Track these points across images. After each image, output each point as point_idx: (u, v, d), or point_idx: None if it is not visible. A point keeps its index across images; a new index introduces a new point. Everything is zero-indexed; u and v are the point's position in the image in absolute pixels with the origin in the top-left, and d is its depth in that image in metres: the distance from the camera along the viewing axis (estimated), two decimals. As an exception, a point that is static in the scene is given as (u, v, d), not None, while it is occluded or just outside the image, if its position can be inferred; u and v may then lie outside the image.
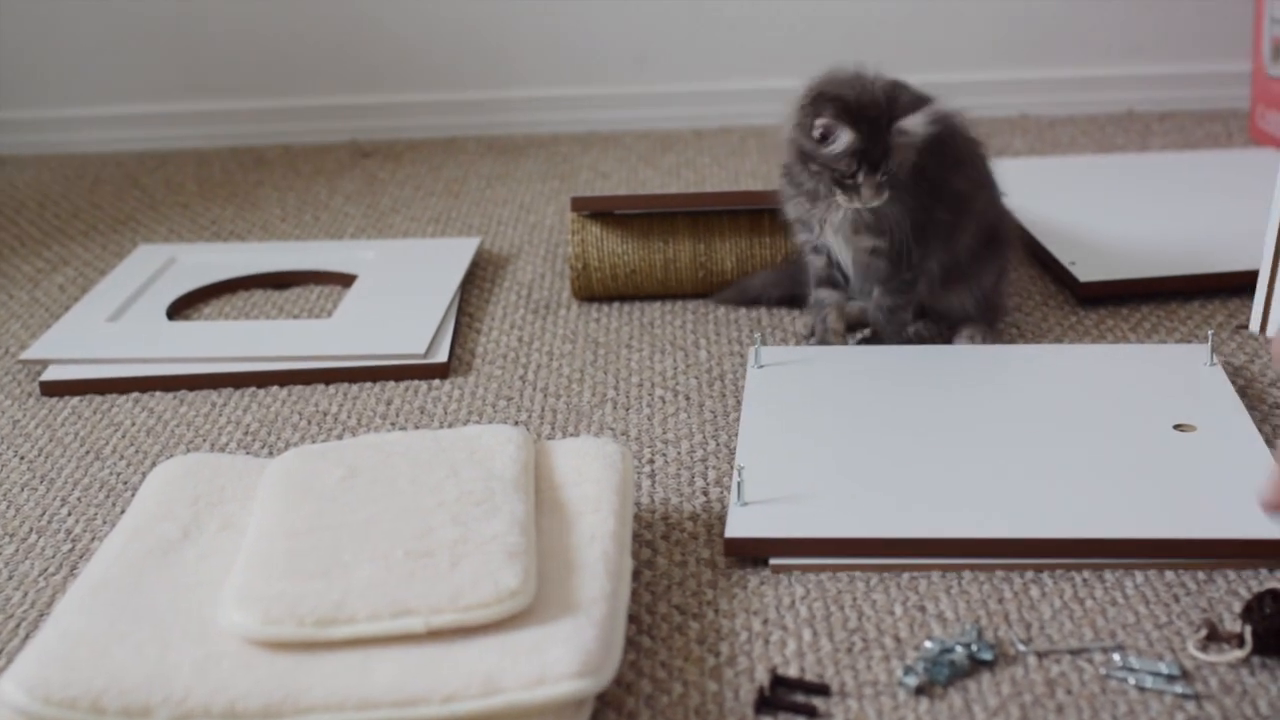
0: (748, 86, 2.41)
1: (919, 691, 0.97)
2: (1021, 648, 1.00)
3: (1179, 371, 1.36)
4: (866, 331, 1.53)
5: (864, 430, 1.29)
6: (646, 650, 1.03)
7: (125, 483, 1.32)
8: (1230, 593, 1.06)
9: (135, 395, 1.49)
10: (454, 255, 1.79)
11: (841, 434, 1.28)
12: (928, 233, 1.43)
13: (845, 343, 1.49)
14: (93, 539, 1.23)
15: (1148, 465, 1.19)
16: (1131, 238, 1.71)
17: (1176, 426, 1.25)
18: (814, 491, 1.18)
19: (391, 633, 0.93)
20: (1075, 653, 1.00)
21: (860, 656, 1.01)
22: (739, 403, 1.39)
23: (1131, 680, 0.96)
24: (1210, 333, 1.40)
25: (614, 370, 1.50)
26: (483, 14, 2.41)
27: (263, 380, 1.50)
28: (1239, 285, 1.58)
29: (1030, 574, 1.09)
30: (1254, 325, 1.15)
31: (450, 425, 1.40)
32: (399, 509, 1.04)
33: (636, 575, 1.12)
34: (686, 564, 1.14)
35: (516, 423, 1.39)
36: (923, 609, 1.06)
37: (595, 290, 1.67)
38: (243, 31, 2.44)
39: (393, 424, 1.41)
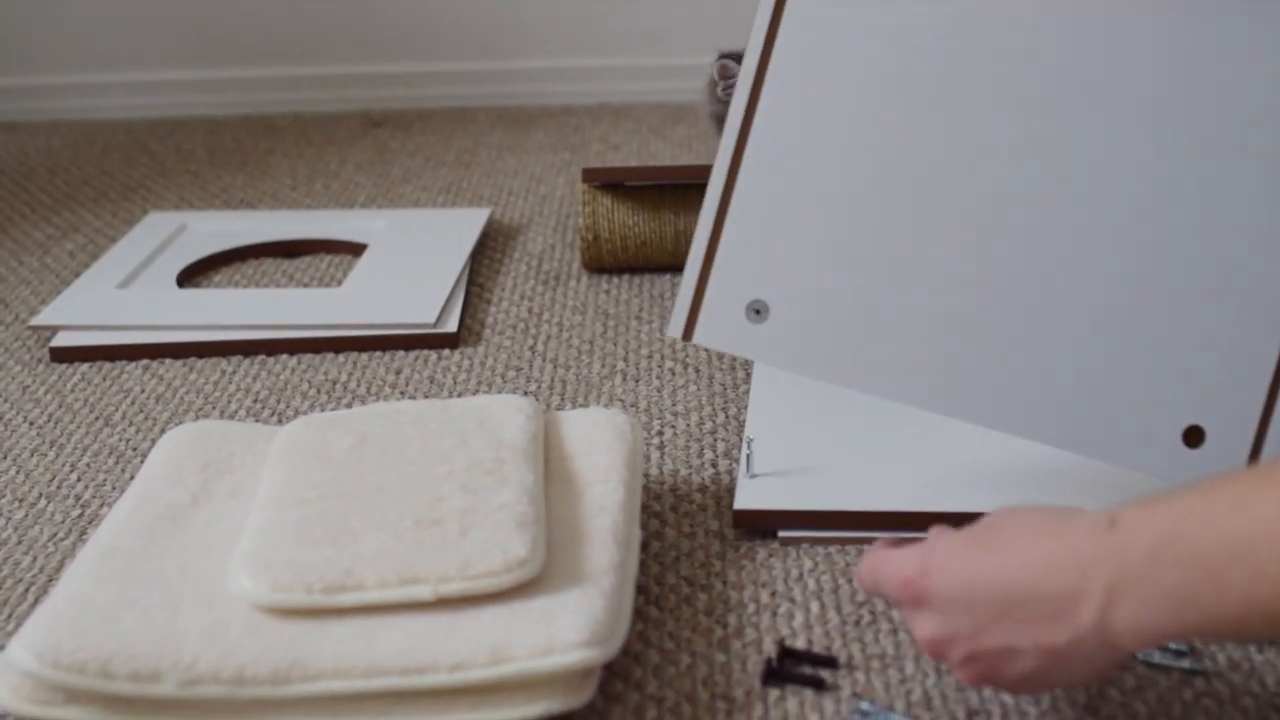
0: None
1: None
2: (1030, 622, 1.00)
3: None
4: None
5: (875, 404, 1.29)
6: (654, 621, 1.03)
7: (135, 449, 1.32)
8: (1239, 570, 1.06)
9: (145, 362, 1.49)
10: (464, 225, 1.79)
11: (852, 407, 1.28)
12: None
13: None
14: (102, 505, 1.23)
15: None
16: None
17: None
18: (823, 464, 1.18)
19: (400, 600, 0.93)
20: (1083, 628, 1.00)
21: (868, 629, 1.01)
22: (749, 375, 1.39)
23: (1139, 655, 0.96)
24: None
25: (624, 342, 1.50)
26: (495, -16, 2.41)
27: (272, 348, 1.50)
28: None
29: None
30: (675, 330, 1.09)
31: (460, 395, 1.40)
32: (408, 477, 1.04)
33: (645, 546, 1.12)
34: (695, 535, 1.14)
35: (526, 393, 1.39)
36: (931, 583, 1.06)
37: (606, 262, 1.67)
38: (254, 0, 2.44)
39: (402, 393, 1.41)
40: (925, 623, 0.87)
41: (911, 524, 1.11)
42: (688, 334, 1.10)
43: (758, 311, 1.09)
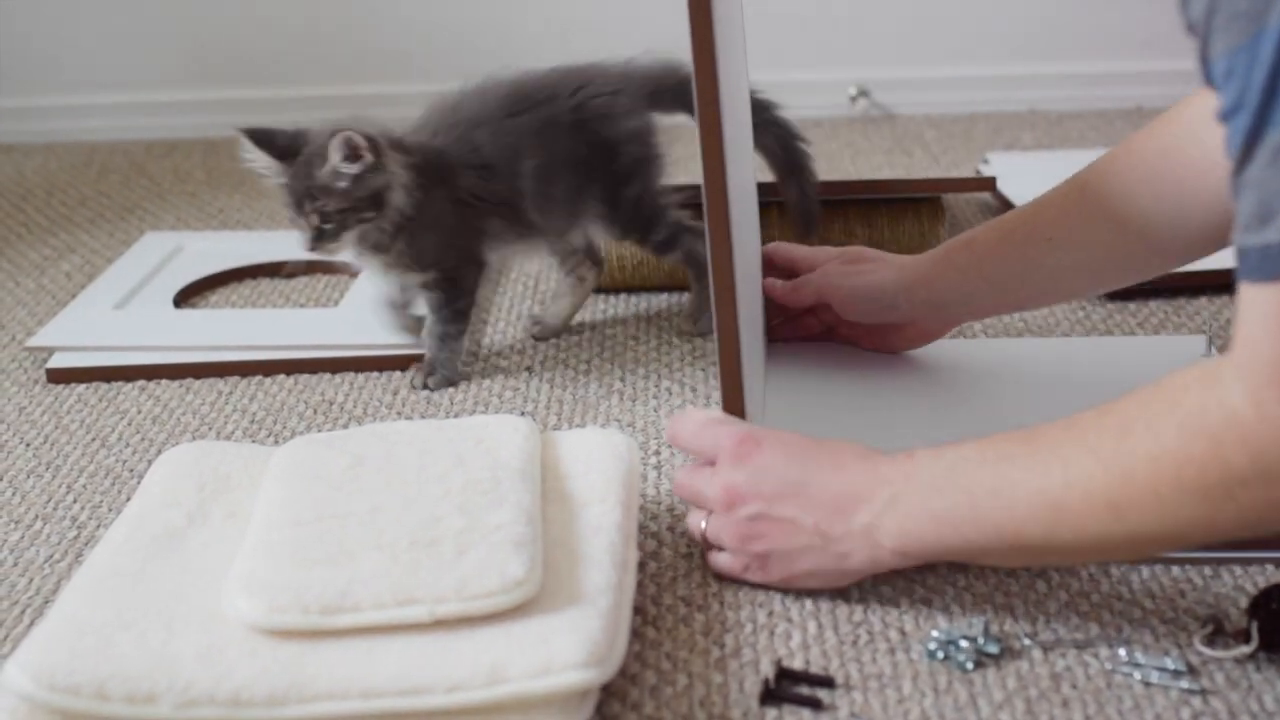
0: (753, 79, 2.41)
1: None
2: (1027, 641, 1.00)
3: (1179, 364, 1.35)
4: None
5: (870, 424, 1.29)
6: (651, 641, 1.03)
7: (131, 470, 1.32)
8: (1236, 588, 1.06)
9: (141, 383, 1.49)
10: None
11: (848, 427, 1.28)
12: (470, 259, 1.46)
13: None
14: (98, 526, 1.23)
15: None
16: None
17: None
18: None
19: (397, 622, 0.92)
20: (1081, 647, 1.00)
21: (866, 649, 1.01)
22: (745, 395, 1.39)
23: (1137, 675, 0.96)
24: (1210, 325, 1.40)
25: (620, 362, 1.50)
26: (487, 4, 2.41)
27: (269, 369, 1.50)
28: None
29: (1036, 568, 1.09)
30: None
31: (456, 415, 1.40)
32: (405, 498, 1.04)
33: (642, 566, 1.11)
34: (692, 556, 1.13)
35: (523, 413, 1.39)
36: (929, 602, 1.06)
37: (602, 282, 1.67)
38: (251, 20, 2.44)
39: (398, 413, 1.41)
40: (735, 474, 1.03)
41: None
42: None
43: None
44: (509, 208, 1.46)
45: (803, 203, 1.57)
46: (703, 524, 1.07)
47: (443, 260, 1.44)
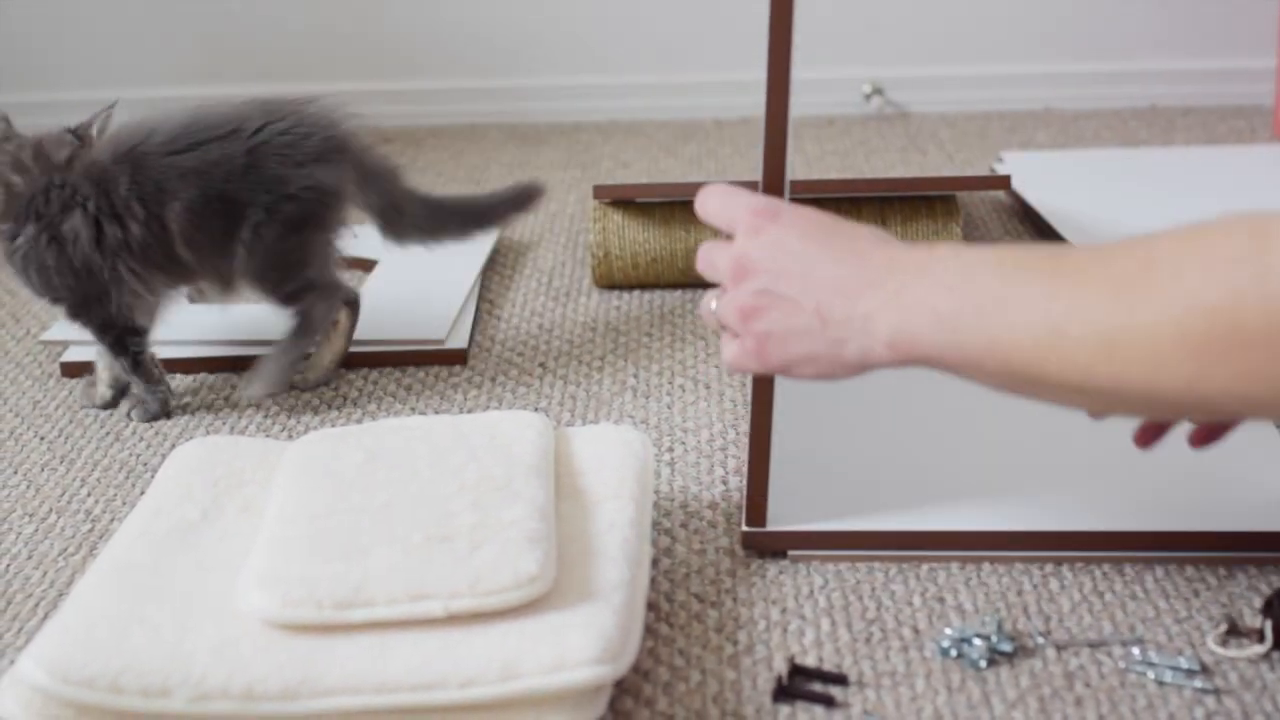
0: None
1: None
2: (1040, 640, 1.00)
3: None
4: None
5: (885, 422, 1.29)
6: (665, 638, 1.03)
7: (145, 464, 1.32)
8: (1251, 588, 1.06)
9: (155, 377, 1.49)
10: (474, 242, 1.78)
11: (862, 426, 1.28)
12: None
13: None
14: (112, 520, 1.23)
15: (1167, 458, 1.18)
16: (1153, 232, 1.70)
17: (1198, 421, 1.24)
18: (834, 484, 1.18)
19: (410, 617, 0.92)
20: (1094, 646, 1.00)
21: (878, 647, 1.01)
22: (759, 392, 1.39)
23: (1151, 674, 0.96)
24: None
25: (634, 358, 1.50)
26: (505, 1, 2.41)
27: (283, 364, 1.50)
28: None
29: (1050, 567, 1.09)
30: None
31: (470, 411, 1.40)
32: (418, 493, 1.04)
33: (655, 563, 1.12)
34: (705, 552, 1.13)
35: (536, 409, 1.39)
36: (942, 600, 1.06)
37: (616, 278, 1.67)
38: (263, 16, 2.44)
39: (412, 409, 1.41)
40: (747, 245, 0.98)
41: (922, 544, 1.10)
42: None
43: None
44: (142, 251, 1.36)
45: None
46: (713, 304, 1.02)
47: (62, 298, 1.37)
